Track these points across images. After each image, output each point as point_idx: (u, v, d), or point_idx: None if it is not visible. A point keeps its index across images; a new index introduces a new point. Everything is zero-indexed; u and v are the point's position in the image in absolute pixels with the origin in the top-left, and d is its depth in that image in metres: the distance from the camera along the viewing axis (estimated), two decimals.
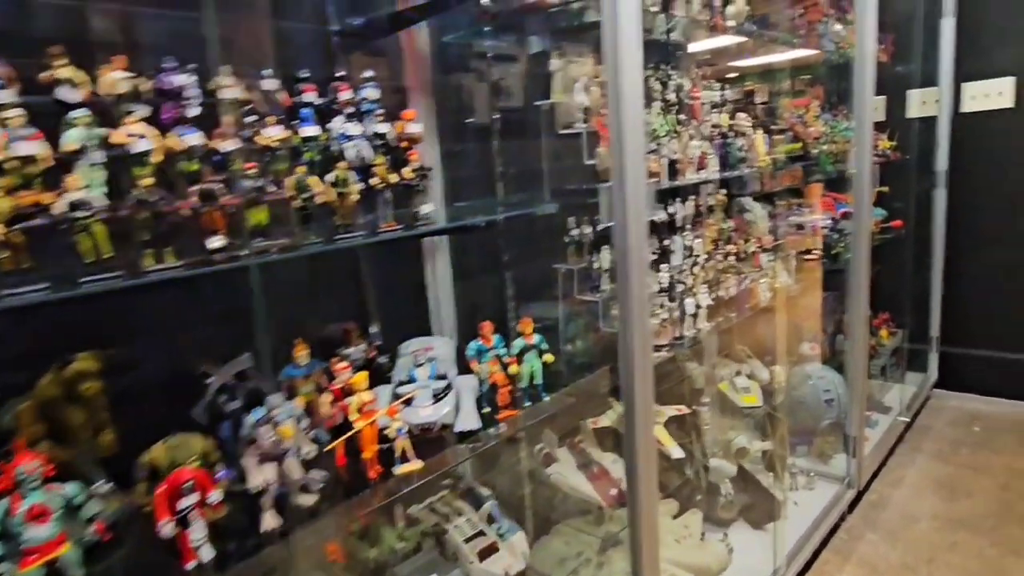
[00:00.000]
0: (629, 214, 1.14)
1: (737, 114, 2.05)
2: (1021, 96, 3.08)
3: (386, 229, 1.01)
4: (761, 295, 2.08)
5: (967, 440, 2.93)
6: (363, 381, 1.04)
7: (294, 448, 0.97)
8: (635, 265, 1.16)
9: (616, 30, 1.07)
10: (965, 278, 3.33)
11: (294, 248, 0.88)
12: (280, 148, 0.91)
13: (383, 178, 0.99)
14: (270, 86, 0.96)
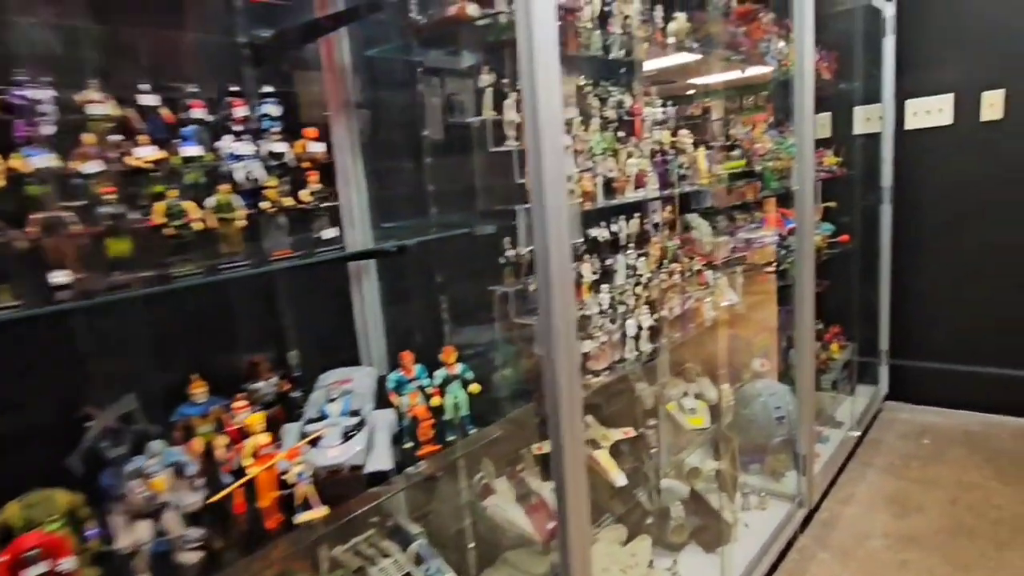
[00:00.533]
0: (550, 237, 1.08)
1: (679, 131, 2.03)
2: (960, 113, 3.15)
3: (279, 257, 0.93)
4: (706, 313, 2.05)
5: (918, 453, 2.94)
6: (258, 422, 0.95)
7: (175, 500, 0.88)
8: (558, 291, 1.09)
9: (531, 44, 1.02)
10: (912, 291, 3.38)
11: (165, 281, 0.80)
12: (155, 170, 0.83)
13: (275, 201, 0.92)
14: (150, 101, 0.88)
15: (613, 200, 1.64)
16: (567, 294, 1.12)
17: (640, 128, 1.89)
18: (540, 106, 1.04)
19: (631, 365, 1.72)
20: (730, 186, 2.43)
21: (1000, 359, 3.19)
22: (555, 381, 1.13)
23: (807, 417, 2.30)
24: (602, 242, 1.88)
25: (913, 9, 3.15)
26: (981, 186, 3.14)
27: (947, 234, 3.26)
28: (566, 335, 1.12)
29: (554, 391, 1.13)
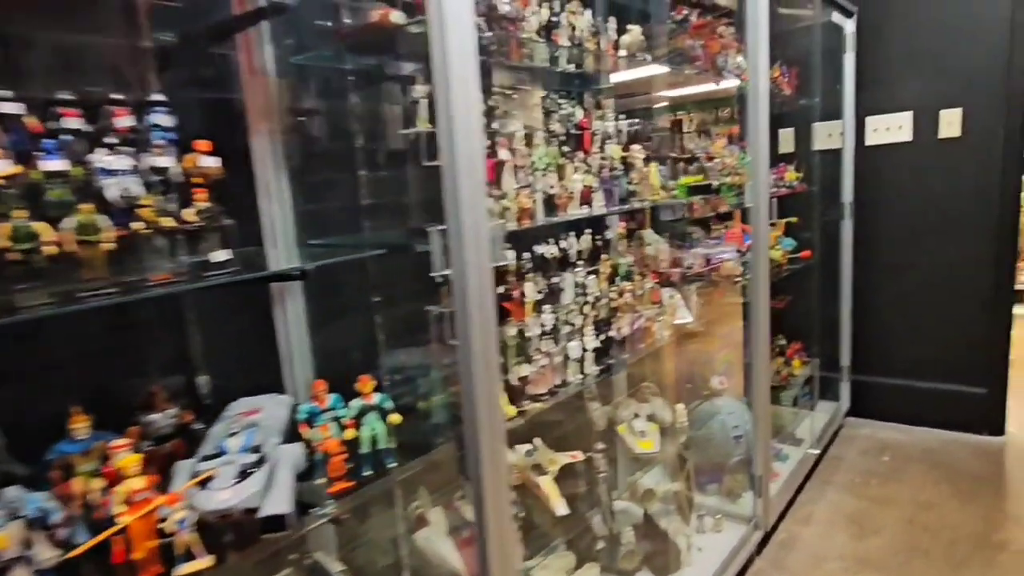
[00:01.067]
0: (467, 259, 1.00)
1: (631, 146, 1.98)
2: (919, 130, 3.16)
3: (157, 283, 0.85)
4: (658, 333, 1.99)
5: (877, 471, 2.92)
6: (132, 464, 0.86)
7: (29, 555, 0.78)
8: (477, 317, 1.02)
9: (444, 53, 0.95)
10: (873, 307, 3.37)
11: (8, 311, 0.71)
12: (7, 186, 0.74)
13: (151, 222, 0.83)
14: (10, 109, 0.79)
15: (555, 218, 1.57)
16: (487, 320, 1.05)
17: (589, 142, 1.84)
18: (456, 119, 0.97)
19: (574, 388, 1.65)
20: (688, 201, 2.39)
21: (958, 376, 3.20)
22: (474, 413, 1.05)
23: (763, 437, 2.25)
24: (550, 259, 1.81)
25: (873, 27, 3.16)
26: (940, 203, 3.15)
27: (907, 250, 3.27)
28: (486, 364, 1.05)
29: (473, 424, 1.06)
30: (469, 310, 1.02)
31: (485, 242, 1.03)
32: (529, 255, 1.73)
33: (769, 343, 2.24)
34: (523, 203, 1.45)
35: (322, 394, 1.13)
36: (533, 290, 1.66)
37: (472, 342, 1.02)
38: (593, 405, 2.18)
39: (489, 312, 1.05)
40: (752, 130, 2.05)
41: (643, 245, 2.17)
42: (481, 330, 1.03)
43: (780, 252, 2.94)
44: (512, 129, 1.60)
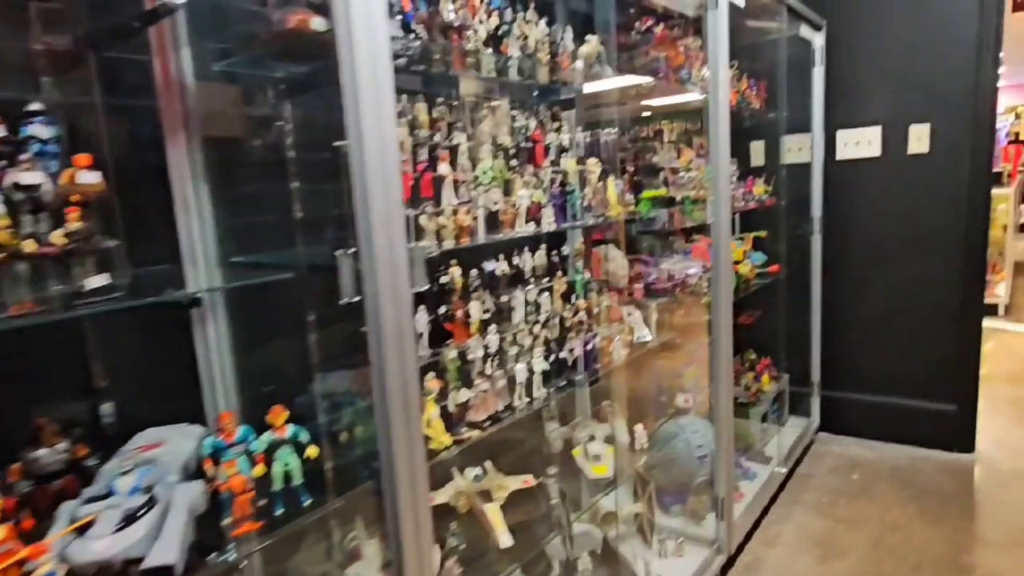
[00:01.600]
0: (380, 286, 0.93)
1: (588, 159, 1.92)
2: (887, 146, 3.14)
3: (18, 314, 0.77)
4: (615, 352, 1.93)
5: (846, 489, 2.87)
6: None
7: None
8: (392, 352, 0.95)
9: (353, 61, 0.88)
10: (843, 322, 3.34)
11: None
12: None
13: (6, 245, 0.75)
14: None
15: (498, 235, 1.50)
16: (404, 352, 0.98)
17: (541, 156, 1.77)
18: (365, 132, 0.90)
19: (521, 413, 1.57)
20: (649, 216, 2.34)
21: (928, 392, 3.17)
22: (391, 454, 0.97)
23: (725, 458, 2.19)
24: (501, 276, 1.74)
25: (842, 41, 3.15)
26: (909, 218, 3.13)
27: (877, 265, 3.24)
28: (404, 400, 0.98)
29: (390, 466, 0.98)
30: (384, 341, 0.94)
31: (402, 265, 0.96)
32: (477, 272, 1.66)
33: (731, 362, 2.19)
34: (462, 221, 1.38)
35: (229, 426, 1.05)
36: (479, 310, 1.59)
37: (387, 377, 0.94)
38: (550, 426, 2.11)
39: (407, 344, 0.97)
40: (713, 143, 2.00)
41: (603, 261, 2.11)
42: (397, 363, 0.96)
43: (748, 267, 2.90)
44: (456, 142, 1.53)
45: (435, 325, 1.53)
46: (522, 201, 1.55)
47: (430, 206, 1.31)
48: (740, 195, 2.92)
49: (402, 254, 0.96)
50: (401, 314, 0.96)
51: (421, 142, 1.45)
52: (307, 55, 1.32)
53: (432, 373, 1.41)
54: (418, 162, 1.39)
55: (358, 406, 1.35)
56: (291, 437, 1.08)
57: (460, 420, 1.41)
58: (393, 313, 0.94)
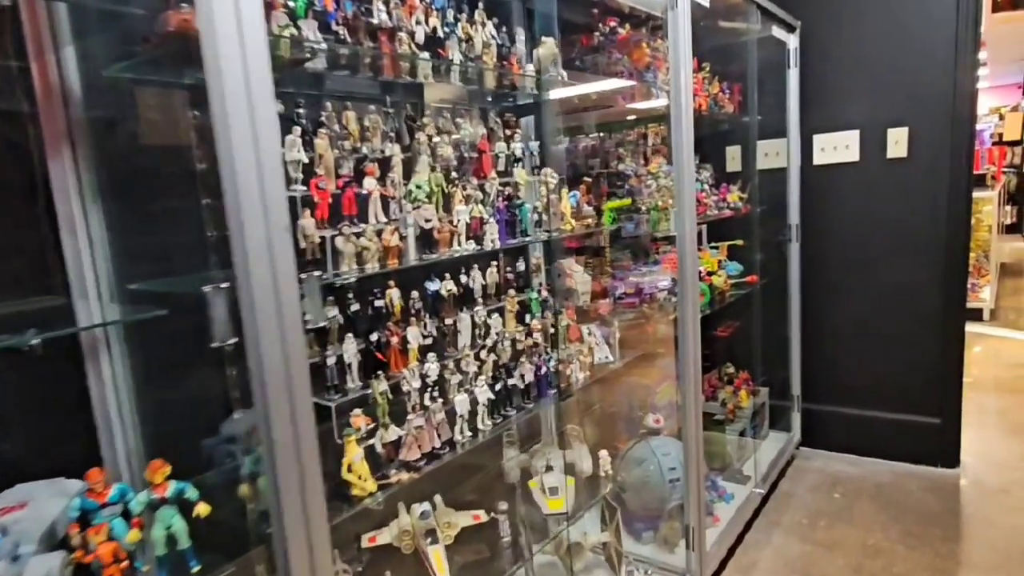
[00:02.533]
0: (262, 324, 0.80)
1: (544, 169, 1.79)
2: (865, 150, 3.04)
3: None
4: (574, 375, 1.80)
5: (827, 509, 2.76)
6: None
7: None
8: (280, 400, 0.81)
9: (217, 63, 0.75)
10: (824, 333, 3.24)
11: None
12: None
13: None
14: None
15: (433, 255, 1.38)
16: (296, 399, 0.84)
17: (488, 166, 1.65)
18: (235, 145, 0.77)
19: (465, 449, 1.44)
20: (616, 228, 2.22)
21: (910, 405, 3.07)
22: (280, 514, 0.84)
23: (695, 485, 2.07)
24: (446, 297, 1.62)
25: (817, 42, 3.05)
26: (889, 224, 3.03)
27: (857, 273, 3.14)
28: (295, 454, 0.84)
29: (280, 526, 0.85)
30: (268, 388, 0.81)
31: (291, 299, 0.83)
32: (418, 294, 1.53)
33: (700, 383, 2.07)
34: (388, 241, 1.25)
35: (99, 485, 0.91)
36: (417, 335, 1.46)
37: (274, 429, 0.81)
38: (509, 453, 1.98)
39: (299, 391, 0.84)
40: (676, 150, 1.88)
41: (560, 276, 1.98)
42: (286, 413, 0.82)
43: (723, 278, 2.78)
44: (389, 154, 1.40)
45: (369, 354, 1.40)
46: (460, 217, 1.42)
47: (347, 226, 1.17)
48: (714, 203, 2.81)
49: (291, 286, 0.83)
50: (290, 356, 0.83)
51: (346, 154, 1.32)
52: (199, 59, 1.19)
53: (359, 410, 1.27)
54: (340, 176, 1.26)
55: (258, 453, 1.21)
56: (174, 495, 0.94)
57: (390, 460, 1.28)
58: (279, 356, 0.81)
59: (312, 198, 1.18)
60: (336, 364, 1.31)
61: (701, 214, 2.64)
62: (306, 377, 0.85)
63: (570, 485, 1.76)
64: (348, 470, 1.16)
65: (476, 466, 2.02)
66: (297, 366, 0.83)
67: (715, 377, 3.23)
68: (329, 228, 1.19)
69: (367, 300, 1.44)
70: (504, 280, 1.83)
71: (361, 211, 1.29)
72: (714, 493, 2.55)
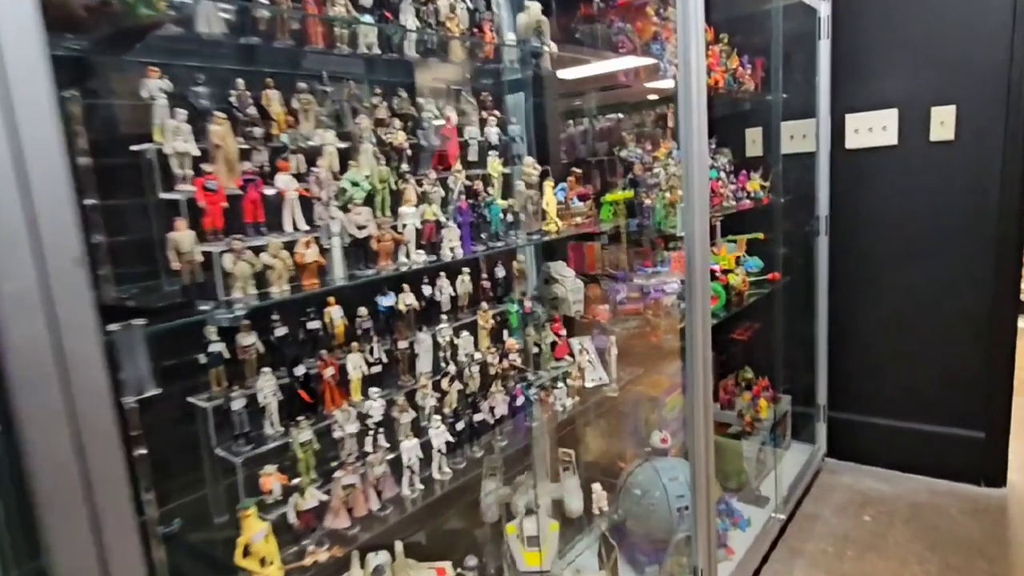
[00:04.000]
0: (26, 404, 0.54)
1: (524, 159, 1.51)
2: (905, 132, 2.70)
3: None
4: (559, 402, 1.53)
5: (856, 535, 2.47)
6: None
7: None
8: (72, 508, 0.56)
9: None
10: (854, 336, 2.92)
11: None
12: None
13: None
14: None
15: (368, 272, 1.11)
16: (108, 520, 0.59)
17: (455, 155, 1.37)
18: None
19: (416, 507, 1.19)
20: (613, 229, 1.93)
21: (952, 416, 2.75)
22: None
23: (704, 520, 1.80)
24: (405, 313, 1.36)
25: (852, 9, 2.70)
26: (931, 215, 2.69)
27: (893, 270, 2.81)
28: None
29: None
30: (52, 495, 0.55)
31: (88, 361, 0.57)
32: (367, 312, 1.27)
33: (711, 403, 1.78)
34: (304, 256, 0.98)
35: None
36: (360, 363, 1.20)
37: (56, 549, 0.56)
38: (488, 486, 1.72)
39: (105, 496, 0.58)
40: (684, 133, 1.58)
41: (548, 282, 1.71)
42: (86, 526, 0.57)
43: (741, 277, 2.48)
44: (319, 143, 1.14)
45: (296, 391, 1.14)
46: (408, 222, 1.15)
47: (241, 240, 0.91)
48: (732, 192, 2.50)
49: (89, 341, 0.56)
50: (89, 458, 0.57)
51: (259, 144, 1.05)
52: (75, 25, 0.93)
53: (271, 467, 1.02)
54: (243, 173, 1.00)
55: None
56: None
57: (310, 530, 1.03)
58: (66, 459, 0.55)
59: (198, 202, 0.91)
60: (249, 407, 1.05)
61: (716, 205, 2.34)
62: (121, 479, 0.59)
63: (553, 532, 1.50)
64: (244, 554, 0.90)
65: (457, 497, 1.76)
66: (105, 468, 0.58)
67: (732, 383, 2.94)
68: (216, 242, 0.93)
69: (299, 321, 1.19)
70: (482, 290, 1.56)
71: (275, 217, 1.03)
72: (728, 520, 2.27)
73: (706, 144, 1.63)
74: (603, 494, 1.69)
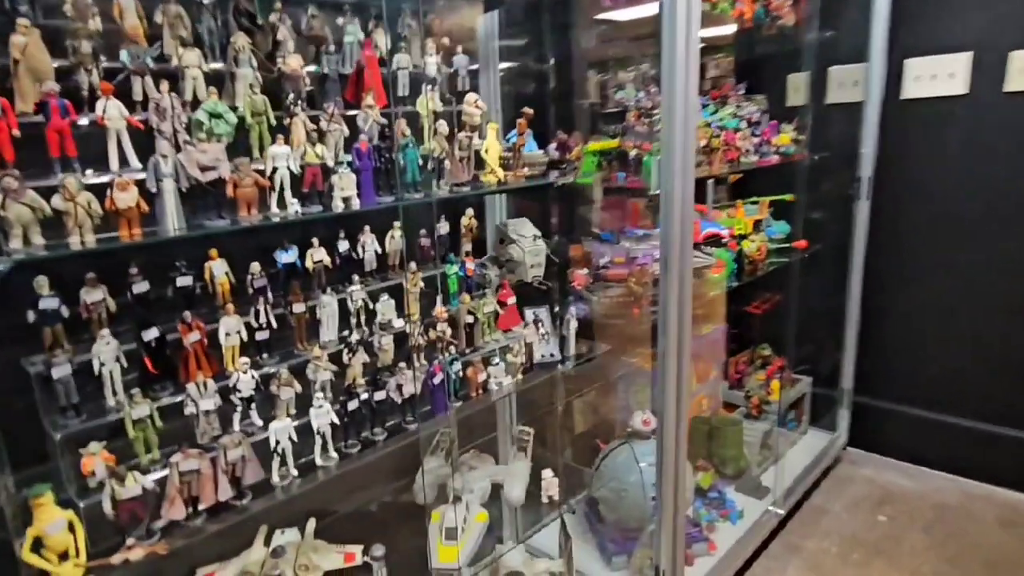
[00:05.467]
0: None
1: (467, 95, 1.28)
2: (977, 81, 2.28)
3: None
4: (496, 381, 1.34)
5: (866, 536, 2.22)
6: None
7: None
8: None
9: None
10: (890, 315, 2.58)
11: None
12: None
13: None
14: None
15: (221, 222, 0.92)
16: None
17: (377, 82, 1.16)
18: None
19: (289, 494, 1.04)
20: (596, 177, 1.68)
21: (994, 412, 2.41)
22: None
23: (670, 511, 1.60)
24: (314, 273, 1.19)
25: None
26: (999, 181, 2.29)
27: (944, 243, 2.44)
28: None
29: None
30: None
31: None
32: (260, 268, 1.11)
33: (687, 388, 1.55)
34: (118, 201, 0.81)
35: None
36: (236, 328, 1.04)
37: None
38: (429, 463, 1.57)
39: None
40: (667, 67, 1.30)
41: (504, 243, 1.49)
42: None
43: (756, 244, 2.19)
44: (184, 65, 0.95)
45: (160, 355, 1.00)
46: (278, 164, 0.96)
47: (13, 177, 0.74)
48: (754, 146, 2.18)
49: None
50: None
51: (88, 61, 0.87)
52: None
53: (98, 444, 0.88)
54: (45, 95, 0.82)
55: None
56: None
57: (136, 521, 0.89)
58: None
59: None
60: (87, 374, 0.91)
61: (731, 160, 2.04)
62: None
63: (479, 523, 1.33)
64: (37, 547, 0.77)
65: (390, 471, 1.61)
66: None
67: (745, 360, 2.67)
68: None
69: (169, 277, 1.03)
70: (420, 248, 1.38)
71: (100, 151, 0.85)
72: (714, 512, 2.07)
73: (695, 84, 1.34)
74: (554, 480, 1.51)
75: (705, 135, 1.93)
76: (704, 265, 1.94)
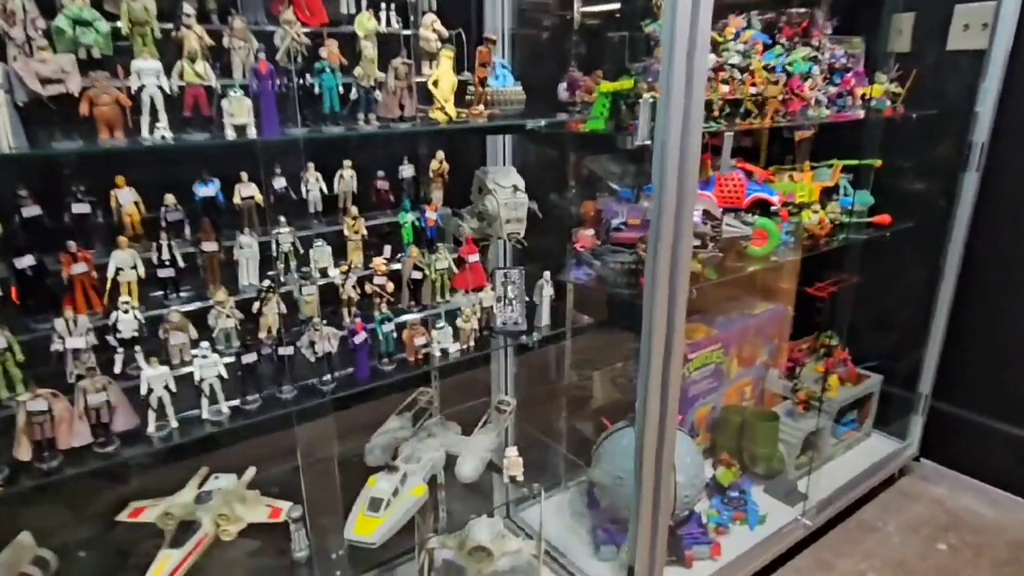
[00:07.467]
0: None
1: (426, 15, 1.11)
2: None
3: None
4: (437, 346, 1.20)
5: (915, 565, 1.92)
6: None
7: None
8: None
9: None
10: (989, 311, 2.15)
11: None
12: None
13: None
14: None
15: (69, 144, 0.82)
16: None
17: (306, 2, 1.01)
18: None
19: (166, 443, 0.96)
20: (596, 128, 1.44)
21: None
22: None
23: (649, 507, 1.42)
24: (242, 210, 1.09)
25: None
26: None
27: None
28: None
29: None
30: None
31: None
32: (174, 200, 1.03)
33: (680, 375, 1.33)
34: None
35: None
36: (129, 263, 0.97)
37: None
38: (391, 423, 1.48)
39: None
40: None
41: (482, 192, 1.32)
42: None
43: (819, 217, 1.86)
44: None
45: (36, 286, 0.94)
46: (146, 82, 0.83)
47: None
48: (828, 97, 1.82)
49: None
50: None
51: None
52: None
53: None
54: None
55: None
56: None
57: None
58: None
59: None
60: None
61: (793, 112, 1.71)
62: None
63: (413, 497, 1.22)
64: None
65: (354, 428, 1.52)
66: None
67: (804, 348, 2.35)
68: None
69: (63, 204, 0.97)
70: (376, 191, 1.24)
71: None
72: (727, 514, 1.84)
73: (708, 14, 1.08)
74: (518, 460, 1.36)
75: (761, 80, 1.62)
76: (739, 236, 1.66)
